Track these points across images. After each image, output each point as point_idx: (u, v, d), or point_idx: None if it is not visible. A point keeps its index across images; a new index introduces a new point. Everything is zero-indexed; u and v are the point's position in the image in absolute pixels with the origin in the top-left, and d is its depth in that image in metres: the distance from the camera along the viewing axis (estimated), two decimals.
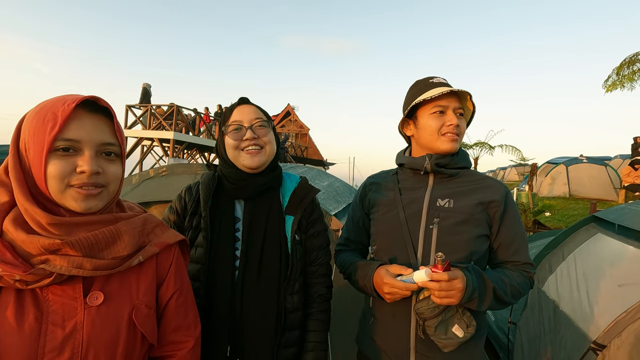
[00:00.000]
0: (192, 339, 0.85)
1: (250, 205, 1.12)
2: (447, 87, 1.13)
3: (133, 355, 0.73)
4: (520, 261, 1.14)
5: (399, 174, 1.28)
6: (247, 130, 1.10)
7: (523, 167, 16.49)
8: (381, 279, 1.06)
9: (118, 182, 0.74)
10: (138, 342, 0.73)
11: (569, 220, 8.56)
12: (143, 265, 0.78)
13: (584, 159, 11.88)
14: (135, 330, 0.72)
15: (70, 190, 0.67)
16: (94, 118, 0.69)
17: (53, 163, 0.65)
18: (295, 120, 29.59)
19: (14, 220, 0.65)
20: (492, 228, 1.14)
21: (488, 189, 1.14)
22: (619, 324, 1.53)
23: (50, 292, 0.66)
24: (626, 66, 10.10)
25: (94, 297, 0.68)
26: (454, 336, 1.01)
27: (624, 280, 1.77)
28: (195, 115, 14.48)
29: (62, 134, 0.65)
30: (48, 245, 0.64)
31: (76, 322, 0.66)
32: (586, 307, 1.87)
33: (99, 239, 0.69)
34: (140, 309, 0.74)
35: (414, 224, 1.14)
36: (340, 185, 2.97)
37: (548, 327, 2.07)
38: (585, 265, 2.12)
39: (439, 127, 1.13)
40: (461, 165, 1.18)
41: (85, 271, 0.66)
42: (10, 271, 0.61)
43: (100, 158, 0.70)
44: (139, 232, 0.77)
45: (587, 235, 2.36)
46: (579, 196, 11.18)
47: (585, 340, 1.69)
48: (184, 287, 0.86)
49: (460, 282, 0.96)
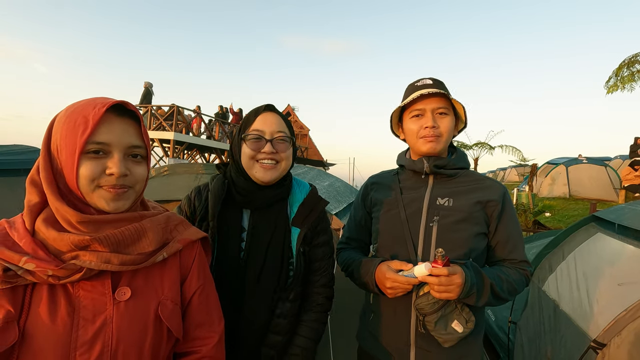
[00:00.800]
0: (216, 335, 0.86)
1: (256, 216, 1.11)
2: (428, 89, 1.15)
3: (160, 351, 0.75)
4: (517, 259, 1.17)
5: (400, 174, 1.31)
6: (267, 143, 1.07)
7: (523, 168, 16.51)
8: (383, 274, 1.08)
9: (143, 182, 0.78)
10: (164, 337, 0.76)
11: (569, 220, 8.57)
12: (167, 262, 0.80)
13: (583, 160, 11.88)
14: (161, 326, 0.75)
15: (100, 191, 0.70)
16: (122, 122, 0.72)
17: (85, 165, 0.68)
18: (296, 121, 29.61)
19: (45, 220, 0.69)
20: (490, 226, 1.16)
21: (486, 189, 1.17)
22: (619, 322, 1.54)
23: (80, 288, 0.69)
24: (625, 67, 10.11)
25: (121, 293, 0.71)
26: (453, 331, 1.03)
27: (623, 279, 1.77)
28: (196, 116, 14.49)
29: (93, 137, 0.68)
30: (78, 242, 0.67)
31: (106, 316, 0.69)
32: (586, 306, 1.87)
33: (125, 235, 0.72)
34: (165, 305, 0.76)
35: (415, 222, 1.16)
36: (340, 185, 2.98)
37: (548, 327, 2.07)
38: (585, 264, 2.12)
39: (417, 130, 1.18)
40: (460, 165, 1.21)
41: (113, 266, 0.69)
42: (44, 267, 0.64)
43: (128, 160, 0.74)
44: (163, 229, 0.80)
45: (587, 234, 2.37)
46: (579, 197, 11.18)
47: (585, 339, 1.70)
48: (207, 283, 0.88)
49: (459, 278, 0.98)
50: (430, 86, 1.17)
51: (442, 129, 1.16)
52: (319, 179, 2.78)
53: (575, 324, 1.86)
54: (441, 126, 1.16)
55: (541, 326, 2.12)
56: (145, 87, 12.89)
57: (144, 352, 0.72)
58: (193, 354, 0.83)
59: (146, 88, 12.91)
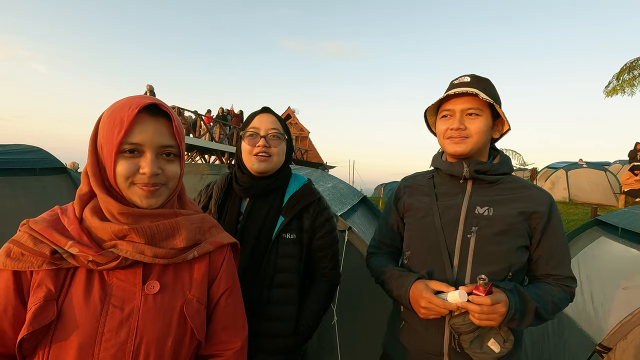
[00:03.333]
0: (240, 341, 0.87)
1: (252, 204, 1.23)
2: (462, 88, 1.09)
3: (181, 351, 0.76)
4: (562, 275, 1.08)
5: (435, 177, 1.22)
6: (261, 139, 1.20)
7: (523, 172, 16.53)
8: (420, 293, 1.01)
9: (176, 179, 0.81)
10: (187, 337, 0.77)
11: (569, 224, 8.56)
12: (196, 262, 0.83)
13: (583, 164, 11.88)
14: (185, 325, 0.77)
15: (135, 188, 0.74)
16: (155, 122, 0.75)
17: (120, 163, 0.72)
18: (296, 123, 29.64)
19: (91, 209, 0.74)
20: (533, 239, 1.08)
21: (531, 198, 1.08)
22: (624, 326, 1.54)
23: (114, 277, 0.73)
24: (626, 71, 10.15)
25: (151, 286, 0.75)
26: (489, 351, 0.96)
27: (628, 283, 1.78)
28: (196, 118, 14.50)
29: (127, 138, 0.72)
30: (117, 231, 0.72)
31: (133, 306, 0.72)
32: (590, 310, 1.87)
33: (160, 229, 0.76)
34: (191, 303, 0.78)
35: (451, 231, 1.08)
36: (344, 187, 2.98)
37: (552, 330, 2.07)
38: (589, 268, 2.13)
39: (444, 131, 1.12)
40: (502, 171, 1.11)
41: (146, 257, 0.73)
42: (86, 252, 0.69)
43: (161, 159, 0.76)
44: (196, 229, 0.83)
45: (590, 238, 2.37)
46: (578, 201, 11.19)
47: (590, 343, 1.70)
48: (235, 287, 0.90)
49: (503, 307, 0.92)
50: (466, 84, 1.10)
51: (472, 130, 1.07)
52: (322, 180, 2.78)
53: (579, 327, 1.86)
54: (470, 127, 1.07)
55: (544, 329, 2.12)
56: (148, 90, 12.94)
57: (166, 349, 0.73)
58: (216, 357, 0.84)
59: (148, 91, 12.95)
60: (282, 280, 1.20)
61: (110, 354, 0.68)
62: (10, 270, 0.68)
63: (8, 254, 0.69)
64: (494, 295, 0.92)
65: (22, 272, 0.69)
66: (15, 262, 0.68)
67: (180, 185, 0.84)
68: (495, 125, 1.13)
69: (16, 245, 0.69)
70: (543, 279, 1.10)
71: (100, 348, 0.68)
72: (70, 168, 3.15)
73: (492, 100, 1.05)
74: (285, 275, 1.20)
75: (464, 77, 1.13)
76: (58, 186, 2.72)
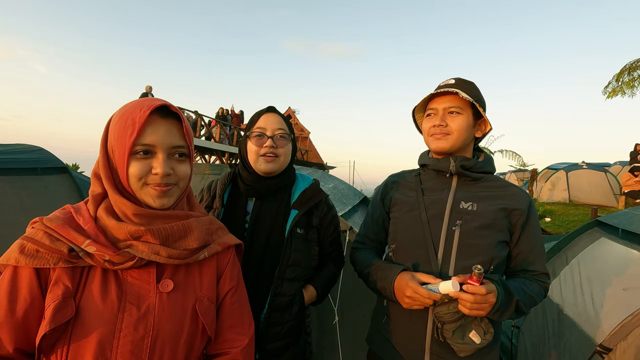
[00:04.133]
0: (247, 338, 0.88)
1: (259, 203, 1.24)
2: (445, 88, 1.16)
3: (194, 346, 0.79)
4: (539, 271, 1.14)
5: (422, 174, 1.28)
6: (269, 139, 1.20)
7: (523, 173, 16.52)
8: (405, 283, 1.04)
9: (187, 179, 0.82)
10: (199, 334, 0.80)
11: (569, 225, 8.57)
12: (205, 262, 0.85)
13: (583, 165, 11.89)
14: (197, 322, 0.79)
15: (147, 188, 0.76)
16: (166, 123, 0.77)
17: (133, 165, 0.74)
18: (296, 124, 29.66)
19: (106, 209, 0.75)
20: (513, 236, 1.13)
21: (512, 196, 1.14)
22: (625, 327, 1.54)
23: (129, 275, 0.74)
24: (626, 73, 10.14)
25: (165, 285, 0.76)
26: (470, 342, 1.00)
27: (628, 284, 1.78)
28: (197, 118, 14.51)
29: (140, 140, 0.73)
30: (134, 232, 0.73)
31: (149, 304, 0.74)
32: (591, 311, 1.87)
33: (174, 230, 0.78)
34: (202, 301, 0.81)
35: (436, 225, 1.13)
36: (345, 188, 2.99)
37: (552, 331, 2.07)
38: (589, 269, 2.13)
39: (428, 128, 1.18)
40: (486, 169, 1.18)
41: (161, 257, 0.74)
42: (103, 251, 0.70)
43: (172, 159, 0.78)
44: (206, 230, 0.85)
45: (590, 239, 2.38)
46: (578, 202, 11.19)
47: (590, 343, 1.70)
48: (240, 285, 0.93)
49: (493, 297, 0.95)
50: (451, 86, 1.16)
51: (452, 127, 1.13)
52: (323, 180, 2.78)
53: (579, 328, 1.86)
54: (451, 125, 1.13)
55: (545, 331, 2.12)
56: (147, 91, 12.96)
57: (180, 345, 0.75)
58: (223, 355, 0.85)
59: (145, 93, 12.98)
60: (292, 274, 1.21)
61: (127, 350, 0.69)
62: (31, 268, 0.69)
63: (22, 250, 0.69)
64: (487, 285, 0.96)
65: (42, 269, 0.69)
66: (30, 259, 0.68)
67: (189, 186, 0.85)
68: (478, 125, 1.19)
69: (31, 242, 0.69)
70: (521, 275, 1.15)
71: (118, 344, 0.69)
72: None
73: (471, 99, 1.11)
74: (295, 269, 1.22)
75: (450, 80, 1.20)
76: (59, 186, 2.72)
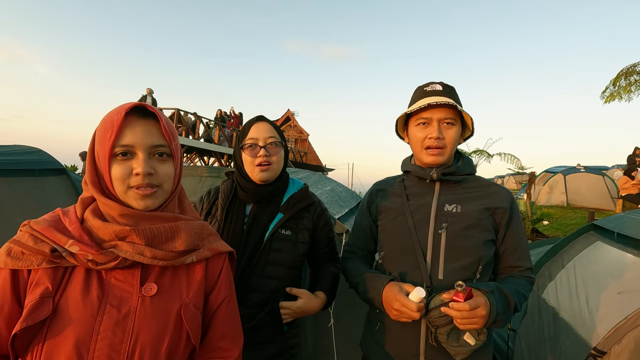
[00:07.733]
0: (237, 349, 0.87)
1: (256, 207, 1.32)
2: (437, 96, 1.14)
3: (176, 354, 0.76)
4: (524, 266, 1.17)
5: (406, 180, 1.29)
6: (261, 149, 1.26)
7: (521, 176, 16.56)
8: (394, 295, 1.04)
9: (171, 180, 0.81)
10: (183, 341, 0.77)
11: (566, 229, 8.59)
12: (194, 267, 0.83)
13: (581, 169, 11.93)
14: (181, 328, 0.76)
15: (131, 191, 0.75)
16: (144, 123, 0.76)
17: (114, 167, 0.74)
18: (295, 126, 29.69)
19: (93, 211, 0.75)
20: (499, 234, 1.15)
21: (494, 195, 1.16)
22: (619, 330, 1.55)
23: (112, 277, 0.74)
24: (623, 77, 10.20)
25: (148, 288, 0.75)
26: (465, 344, 1.00)
27: (623, 287, 1.79)
28: (196, 119, 14.52)
29: (118, 141, 0.73)
30: (119, 232, 0.73)
31: (130, 307, 0.72)
32: (586, 314, 1.88)
33: (160, 231, 0.77)
34: (188, 307, 0.78)
35: (423, 229, 1.14)
36: (342, 190, 2.99)
37: (548, 334, 2.08)
38: (585, 272, 2.14)
39: (422, 138, 1.16)
40: (467, 171, 1.20)
41: (145, 258, 0.73)
42: (86, 250, 0.70)
43: (153, 159, 0.77)
44: (196, 234, 0.83)
45: (586, 243, 2.39)
46: (576, 205, 11.22)
47: (585, 346, 1.70)
48: (232, 295, 0.91)
49: (483, 310, 0.95)
50: (439, 93, 1.15)
51: (448, 139, 1.14)
52: (321, 183, 2.79)
53: (575, 331, 1.87)
54: (447, 137, 1.14)
55: (541, 334, 2.13)
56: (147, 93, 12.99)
57: (161, 351, 0.72)
58: None
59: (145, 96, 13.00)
60: (272, 272, 1.25)
61: (104, 353, 0.67)
62: (8, 269, 0.69)
63: (9, 253, 0.70)
64: (473, 300, 0.95)
65: (19, 271, 0.69)
66: (16, 260, 0.69)
67: (178, 188, 0.84)
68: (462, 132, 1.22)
69: (17, 245, 0.71)
70: (509, 272, 1.18)
71: (95, 347, 0.67)
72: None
73: (468, 113, 1.13)
74: (276, 268, 1.26)
75: (436, 85, 1.19)
76: (57, 187, 2.72)
